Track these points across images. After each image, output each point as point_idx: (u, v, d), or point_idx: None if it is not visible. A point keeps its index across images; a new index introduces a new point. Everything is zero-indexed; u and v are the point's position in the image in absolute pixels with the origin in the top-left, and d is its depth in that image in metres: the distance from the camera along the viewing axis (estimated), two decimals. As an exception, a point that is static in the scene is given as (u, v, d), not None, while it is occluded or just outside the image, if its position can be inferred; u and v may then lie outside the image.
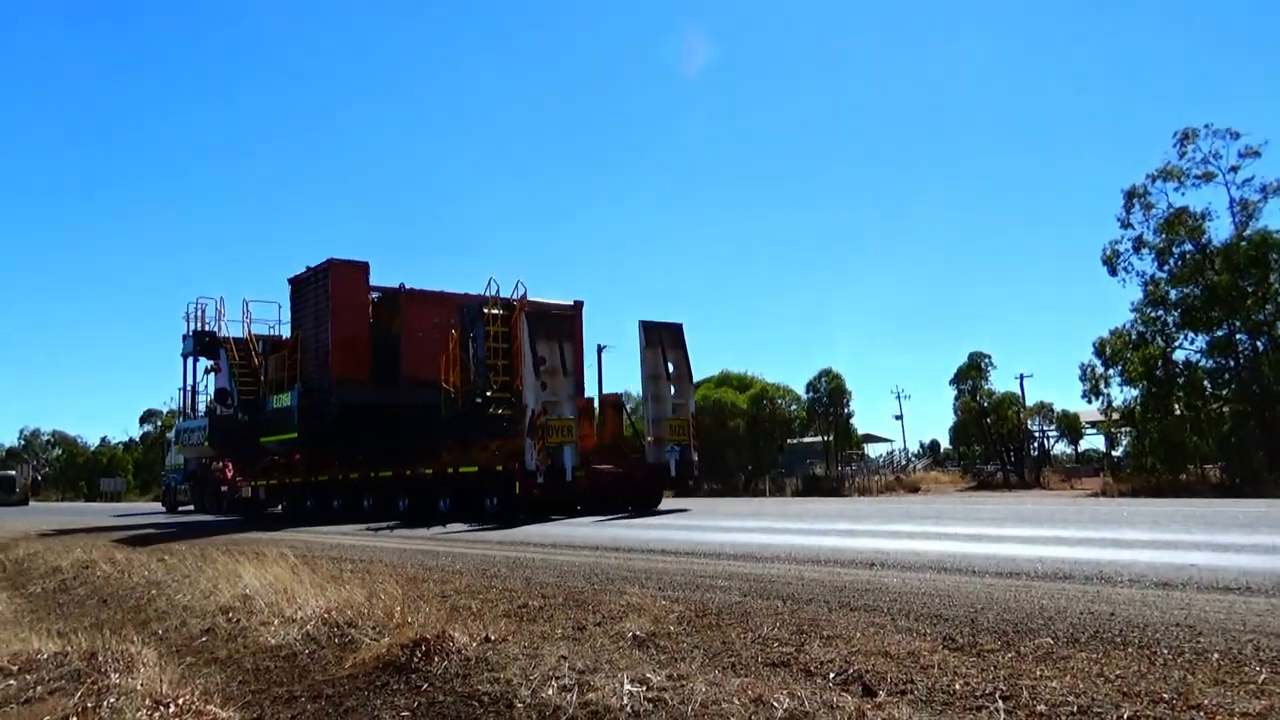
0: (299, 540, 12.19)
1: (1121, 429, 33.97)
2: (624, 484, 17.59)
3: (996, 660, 3.87)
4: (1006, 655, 3.94)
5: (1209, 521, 11.17)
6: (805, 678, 3.86)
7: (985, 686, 3.52)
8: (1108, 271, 30.82)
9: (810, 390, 40.64)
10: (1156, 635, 4.14)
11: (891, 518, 12.95)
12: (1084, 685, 3.44)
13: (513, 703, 3.90)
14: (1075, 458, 50.19)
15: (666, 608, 5.31)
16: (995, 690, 3.46)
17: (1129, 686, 3.38)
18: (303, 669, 4.98)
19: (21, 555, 12.88)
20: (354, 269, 19.15)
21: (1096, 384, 30.85)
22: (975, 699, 3.42)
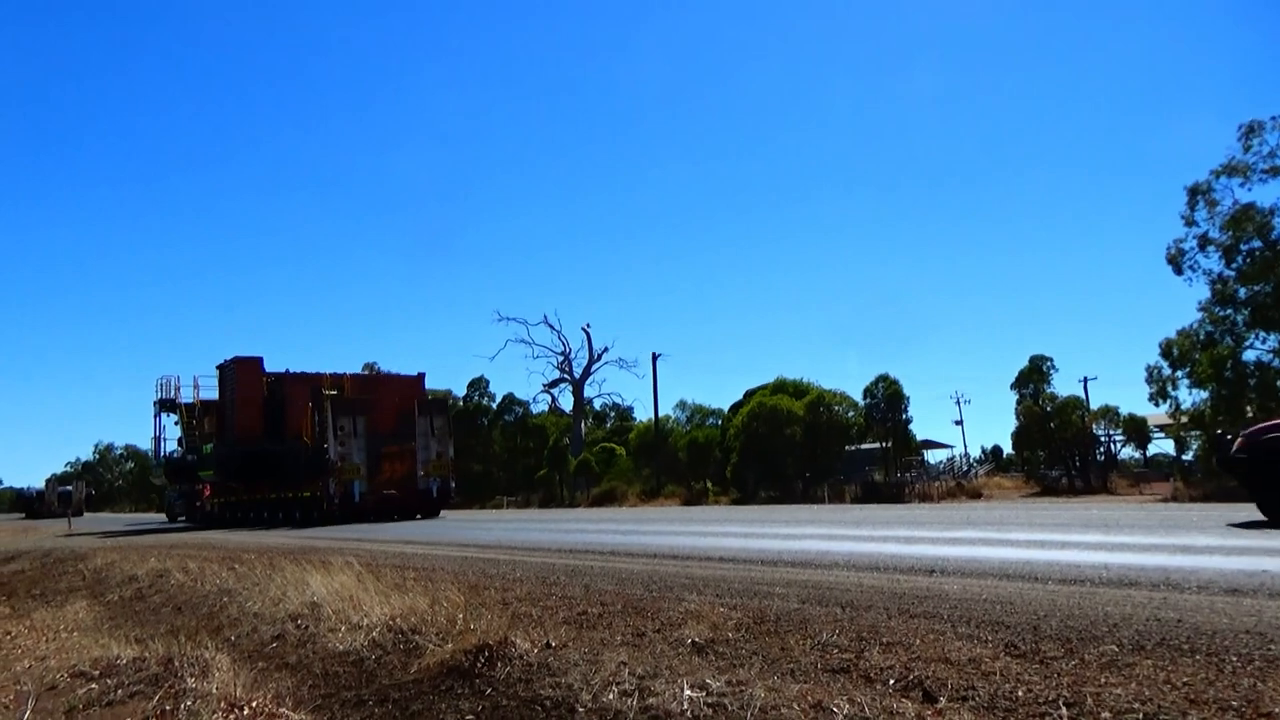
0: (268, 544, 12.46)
1: (1191, 432, 32.97)
2: (401, 503, 26.59)
3: (1060, 667, 3.83)
4: (1070, 662, 3.89)
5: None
6: (865, 684, 3.85)
7: (1048, 693, 3.49)
8: (1173, 271, 29.96)
9: (867, 396, 40.21)
10: (1225, 642, 4.05)
11: (952, 524, 12.77)
12: (1149, 692, 3.39)
13: (574, 707, 3.97)
14: (1143, 462, 48.80)
15: (725, 614, 5.33)
16: (1058, 697, 3.43)
17: (1196, 694, 3.32)
18: (370, 674, 5.11)
19: (99, 565, 13.36)
20: (251, 362, 28.88)
21: (1164, 386, 29.99)
22: (1038, 705, 3.39)
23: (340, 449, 25.51)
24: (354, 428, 25.77)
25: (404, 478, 26.71)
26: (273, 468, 27.21)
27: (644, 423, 54.41)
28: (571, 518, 24.53)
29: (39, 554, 16.84)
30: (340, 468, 25.47)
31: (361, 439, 25.86)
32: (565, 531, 15.18)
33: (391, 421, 26.87)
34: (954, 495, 35.83)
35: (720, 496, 40.62)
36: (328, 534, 19.02)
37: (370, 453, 26.10)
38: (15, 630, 9.08)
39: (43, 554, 16.72)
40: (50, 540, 23.70)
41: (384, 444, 26.59)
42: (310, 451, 26.35)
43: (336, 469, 25.43)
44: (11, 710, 5.45)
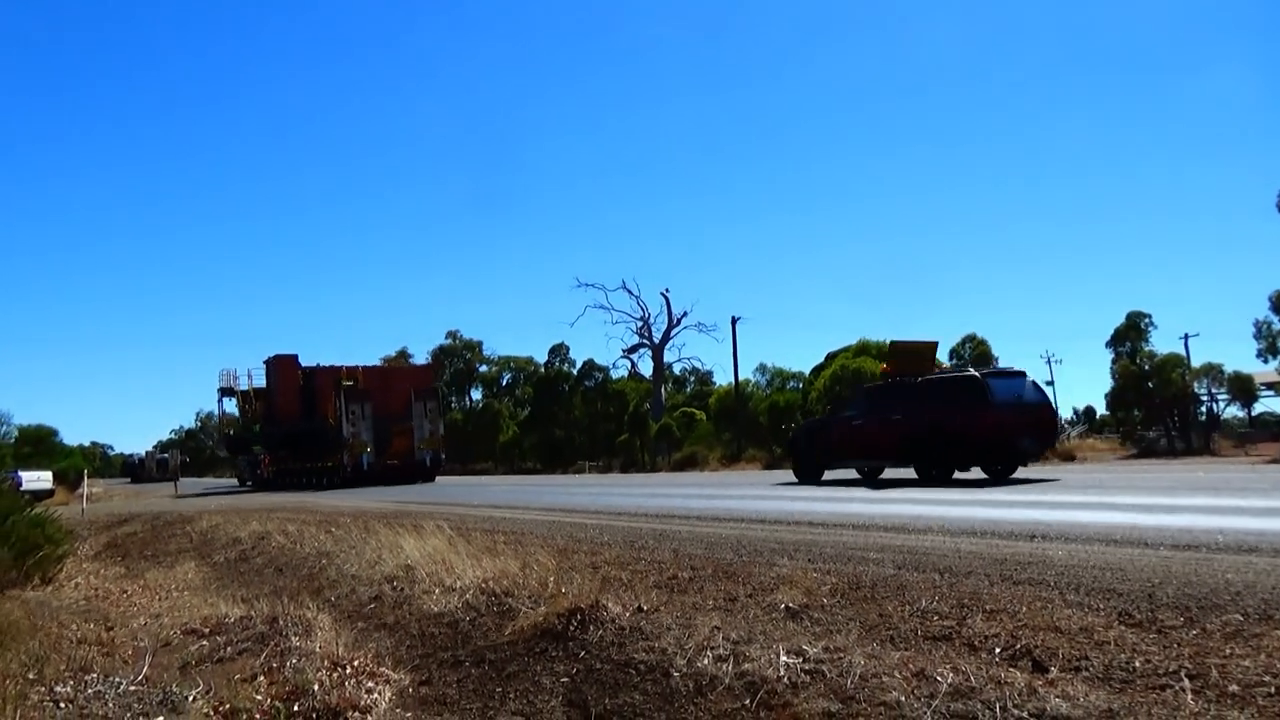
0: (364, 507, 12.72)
1: (1304, 389, 31.33)
2: (401, 471, 32.26)
3: (1179, 637, 3.64)
4: (1190, 632, 3.69)
5: None
6: (969, 652, 3.73)
7: (1168, 664, 3.32)
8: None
9: (953, 357, 39.21)
10: (1363, 612, 3.79)
11: (1048, 487, 12.37)
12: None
13: (669, 671, 3.95)
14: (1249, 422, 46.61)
15: (818, 580, 5.24)
16: (1180, 669, 3.26)
17: (1335, 667, 3.11)
18: (465, 635, 5.19)
19: (205, 528, 13.95)
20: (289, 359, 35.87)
21: (1273, 341, 28.57)
22: (1158, 677, 3.22)
23: (352, 429, 32.23)
24: (362, 411, 32.54)
25: (404, 451, 33.00)
26: (307, 442, 34.23)
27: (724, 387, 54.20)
28: (654, 482, 24.64)
29: (149, 517, 17.69)
30: (352, 443, 32.15)
31: (369, 420, 32.50)
32: (649, 496, 15.24)
33: (396, 406, 32.99)
34: (1045, 458, 34.81)
35: (803, 460, 40.22)
36: (407, 497, 19.48)
37: (378, 431, 32.57)
38: (131, 589, 9.54)
39: (152, 517, 17.56)
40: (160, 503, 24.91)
41: (389, 424, 32.79)
42: (333, 430, 32.97)
43: (349, 444, 32.09)
44: (131, 664, 5.71)
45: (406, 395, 33.42)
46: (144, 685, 5.08)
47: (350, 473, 31.75)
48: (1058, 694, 3.11)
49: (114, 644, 6.48)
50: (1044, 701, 3.07)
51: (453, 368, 70.15)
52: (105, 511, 22.05)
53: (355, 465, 31.92)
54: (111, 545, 14.65)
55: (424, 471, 33.03)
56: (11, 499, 10.62)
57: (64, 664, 5.50)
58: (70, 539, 11.91)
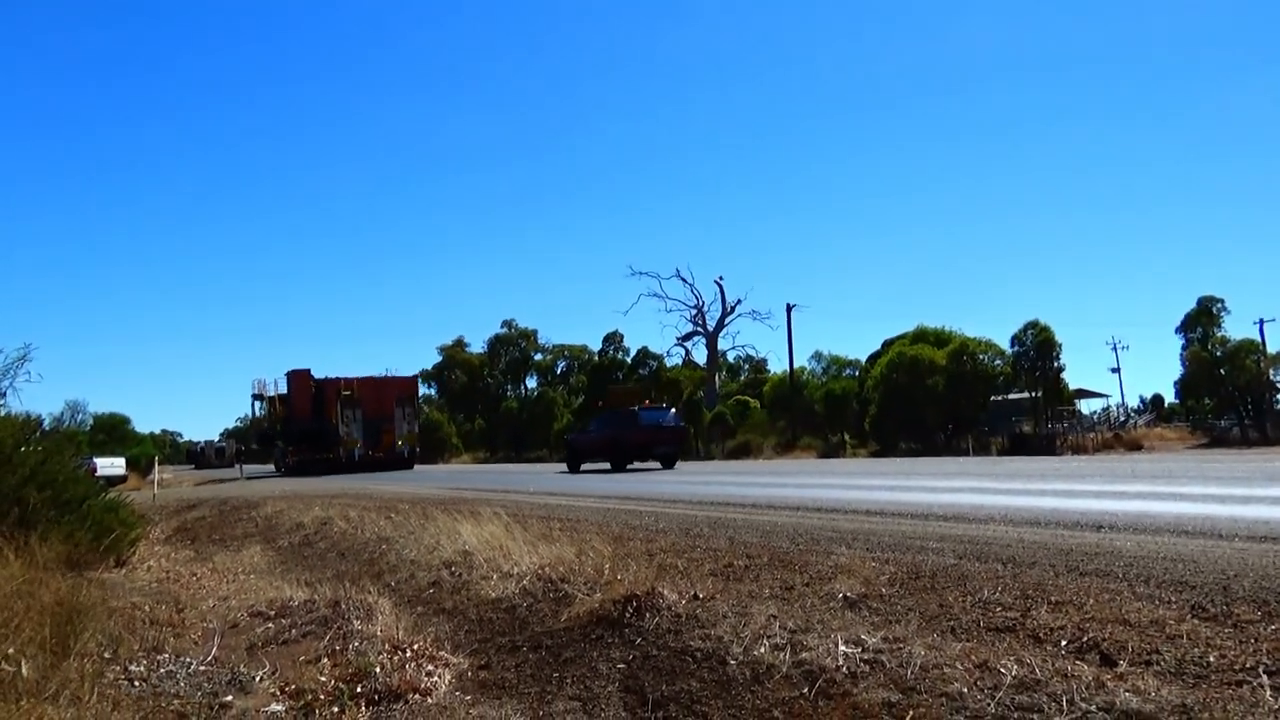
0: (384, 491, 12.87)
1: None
2: (384, 463, 40.34)
3: (1257, 632, 3.51)
4: (1269, 627, 3.56)
5: None
6: (1034, 644, 3.65)
7: (1245, 660, 3.21)
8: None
9: (1015, 344, 38.22)
10: None
11: (1115, 477, 12.05)
12: (1367, 662, 3.06)
13: (725, 659, 3.94)
14: (1329, 410, 44.84)
15: (877, 569, 5.17)
16: (1258, 664, 3.15)
17: None
18: (522, 621, 5.24)
19: (269, 513, 14.30)
20: (303, 372, 43.62)
21: (1356, 326, 27.29)
22: (1234, 673, 3.12)
23: (346, 429, 41.18)
24: (354, 415, 41.52)
25: (388, 446, 41.57)
26: (315, 438, 42.13)
27: (779, 374, 53.81)
28: (709, 470, 24.62)
29: (216, 502, 18.18)
30: (346, 440, 41.00)
31: (360, 422, 41.46)
32: (704, 484, 15.22)
33: (382, 409, 41.75)
34: (1110, 447, 33.95)
35: (858, 449, 39.85)
36: (470, 484, 19.72)
37: (367, 430, 41.46)
38: (200, 572, 9.82)
39: (219, 502, 18.05)
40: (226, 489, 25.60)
41: (378, 424, 41.63)
42: (333, 429, 41.55)
43: (344, 440, 41.03)
44: (200, 645, 5.88)
45: (392, 401, 42.31)
46: (213, 665, 5.23)
47: (344, 463, 40.31)
48: (1128, 688, 3.03)
49: (184, 625, 6.68)
50: (1113, 695, 2.99)
51: (508, 356, 70.76)
52: (174, 497, 22.73)
53: (349, 457, 40.76)
54: (181, 529, 15.10)
55: (404, 462, 41.47)
56: (88, 484, 10.98)
57: (137, 644, 5.68)
58: (142, 523, 12.29)
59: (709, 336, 59.86)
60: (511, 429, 61.58)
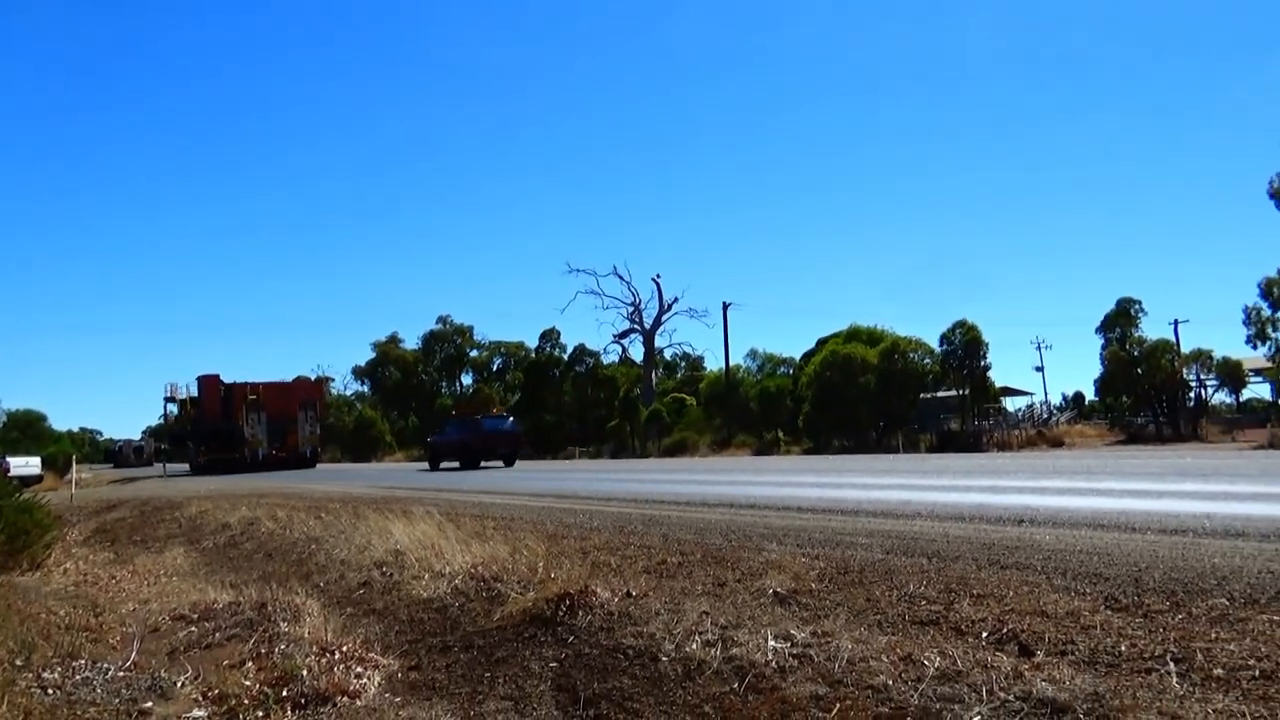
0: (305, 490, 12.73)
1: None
2: (287, 462, 42.83)
3: (1165, 621, 3.66)
4: (1176, 616, 3.72)
5: (1399, 475, 10.25)
6: (956, 636, 3.75)
7: (1154, 648, 3.34)
8: (1275, 205, 28.51)
9: (944, 343, 39.14)
10: (1348, 596, 3.83)
11: (1037, 473, 12.43)
12: (1266, 649, 3.22)
13: (657, 656, 3.96)
14: (1237, 408, 46.89)
15: (807, 565, 5.26)
16: (1165, 652, 3.28)
17: (1319, 651, 3.14)
18: (454, 621, 5.19)
19: (194, 513, 13.91)
20: (212, 377, 47.40)
21: (1263, 328, 28.71)
22: (1143, 661, 3.25)
23: (251, 430, 43.87)
24: (259, 418, 44.24)
25: (292, 446, 44.60)
26: (224, 439, 44.63)
27: (715, 372, 54.27)
28: (644, 468, 24.70)
29: (137, 503, 17.62)
30: (251, 440, 43.68)
31: (265, 424, 44.28)
32: (639, 481, 15.26)
33: (286, 412, 44.90)
34: (1034, 444, 35.00)
35: (792, 446, 40.36)
36: (402, 483, 19.47)
37: (272, 431, 44.40)
38: (120, 575, 9.51)
39: (141, 503, 17.49)
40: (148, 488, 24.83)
41: (282, 426, 44.71)
42: (239, 430, 44.13)
43: (249, 441, 43.68)
44: (119, 651, 5.70)
45: (296, 405, 45.65)
46: (132, 671, 5.07)
47: (249, 462, 42.78)
48: (1044, 678, 3.13)
49: (102, 630, 6.46)
50: (1030, 685, 3.09)
51: (443, 352, 70.01)
52: (94, 497, 21.97)
53: (253, 456, 43.29)
54: (100, 531, 14.60)
55: (306, 461, 44.44)
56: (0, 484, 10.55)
57: (52, 650, 5.47)
58: (59, 525, 11.86)
59: (646, 334, 60.01)
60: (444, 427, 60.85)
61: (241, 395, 45.47)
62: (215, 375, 47.78)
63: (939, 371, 39.63)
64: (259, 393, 45.76)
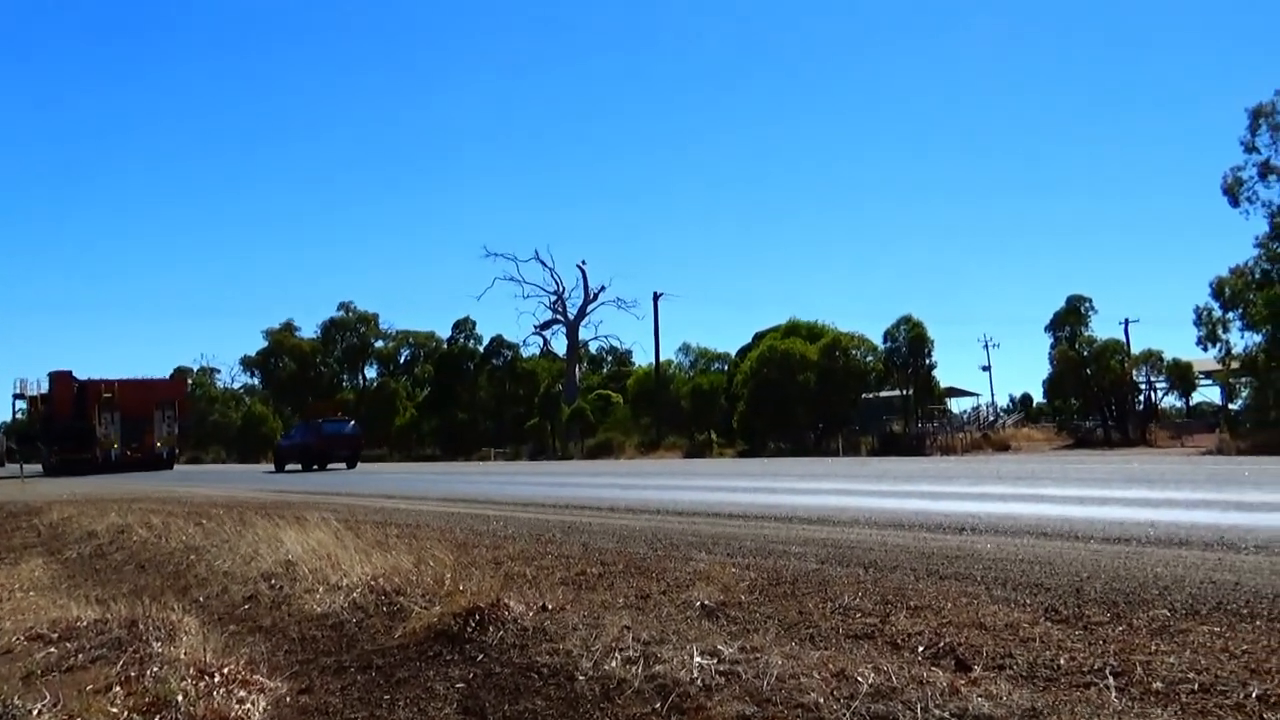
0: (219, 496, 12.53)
1: (1241, 379, 33.10)
2: (143, 463, 44.07)
3: (1106, 633, 3.82)
4: (1117, 628, 3.88)
5: (1344, 481, 10.85)
6: (891, 651, 3.85)
7: (1094, 661, 3.48)
8: (1229, 202, 29.86)
9: (888, 339, 40.04)
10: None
11: (981, 478, 12.81)
12: (1206, 661, 3.38)
13: (574, 675, 3.97)
14: (1186, 412, 49.02)
15: (737, 575, 5.33)
16: (1105, 665, 3.42)
17: (1257, 663, 3.31)
18: (351, 638, 5.12)
19: (55, 520, 13.43)
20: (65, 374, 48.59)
21: (1214, 329, 29.99)
22: (1082, 675, 3.38)
23: (104, 430, 45.10)
24: (113, 418, 45.41)
25: (148, 447, 45.79)
26: (75, 438, 45.54)
27: (644, 368, 54.51)
28: (565, 471, 24.71)
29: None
30: (103, 440, 44.95)
31: (118, 424, 45.48)
32: (559, 485, 15.26)
33: (143, 411, 45.97)
34: (979, 447, 36.05)
35: (725, 448, 40.83)
36: (298, 486, 19.11)
37: (126, 431, 45.54)
38: (-35, 590, 9.13)
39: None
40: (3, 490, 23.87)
41: (139, 426, 45.80)
42: (91, 430, 45.09)
43: (101, 441, 44.90)
44: (-37, 676, 5.47)
45: (153, 405, 46.83)
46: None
47: (101, 462, 43.90)
48: (980, 693, 3.24)
49: (-56, 652, 6.20)
50: (966, 701, 3.18)
51: (345, 342, 68.97)
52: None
53: (105, 456, 44.51)
54: (-56, 540, 13.98)
55: (163, 462, 45.82)
56: None
57: (-117, 675, 5.23)
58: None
59: (569, 325, 59.97)
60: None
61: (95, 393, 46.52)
62: (68, 372, 48.98)
63: (882, 370, 40.51)
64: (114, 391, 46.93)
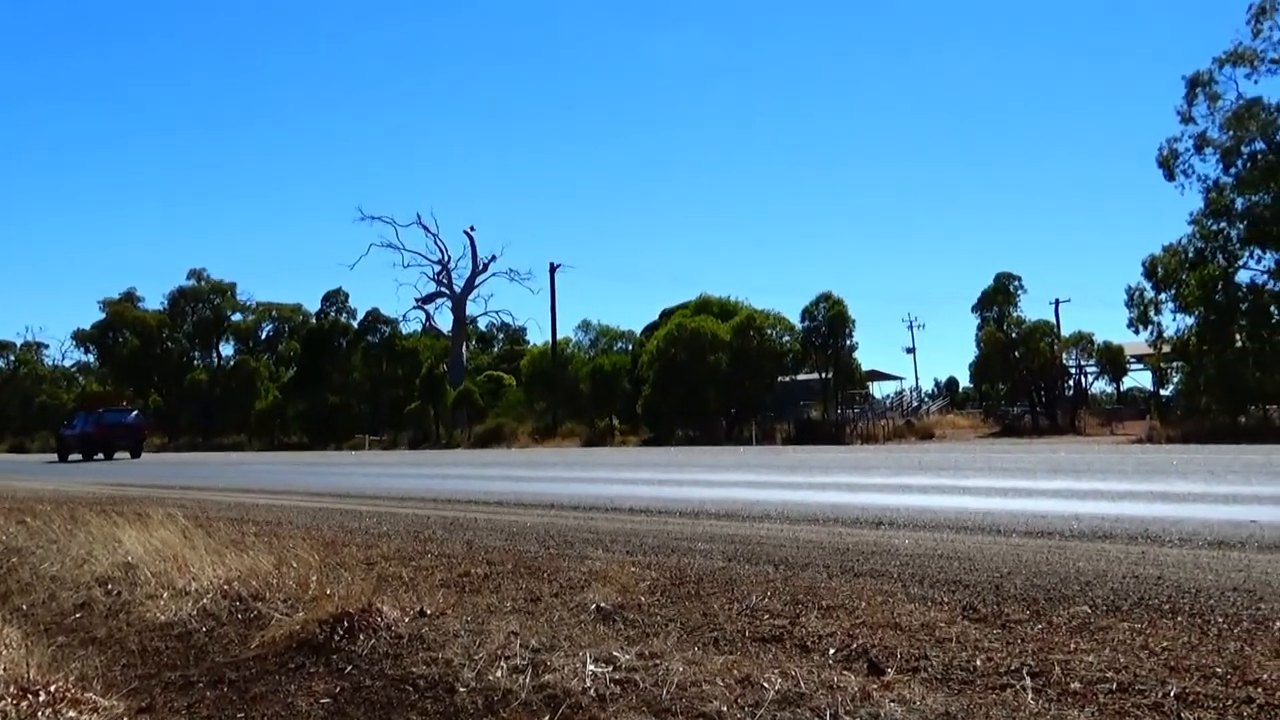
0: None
1: (1173, 364, 34.40)
2: None
3: (1024, 632, 4.00)
4: (1036, 626, 4.07)
5: (1271, 471, 11.52)
6: (801, 654, 3.96)
7: (1011, 662, 3.64)
8: (1164, 175, 30.95)
9: (806, 319, 40.63)
10: (1210, 602, 4.30)
11: (902, 469, 13.19)
12: (1125, 659, 3.57)
13: (454, 687, 3.97)
14: (1117, 398, 51.22)
15: (637, 575, 5.40)
16: (1023, 666, 3.58)
17: (1177, 660, 3.51)
18: (200, 650, 5.03)
19: None
20: None
21: (1145, 311, 31.17)
22: (999, 676, 3.53)
23: None
24: None
25: None
26: None
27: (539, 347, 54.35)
28: (450, 460, 24.55)
29: None
30: None
31: None
32: (442, 477, 15.18)
33: None
34: (902, 435, 37.03)
35: (629, 436, 41.07)
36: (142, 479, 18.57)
37: None
38: None
39: None
40: None
41: None
42: None
43: None
44: None
45: None
46: None
47: None
48: (893, 698, 3.35)
49: None
50: (878, 707, 3.30)
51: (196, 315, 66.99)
52: None
53: None
54: None
55: None
56: None
57: None
58: None
59: (456, 299, 59.41)
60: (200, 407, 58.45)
61: None
62: None
63: (799, 351, 41.17)
64: None
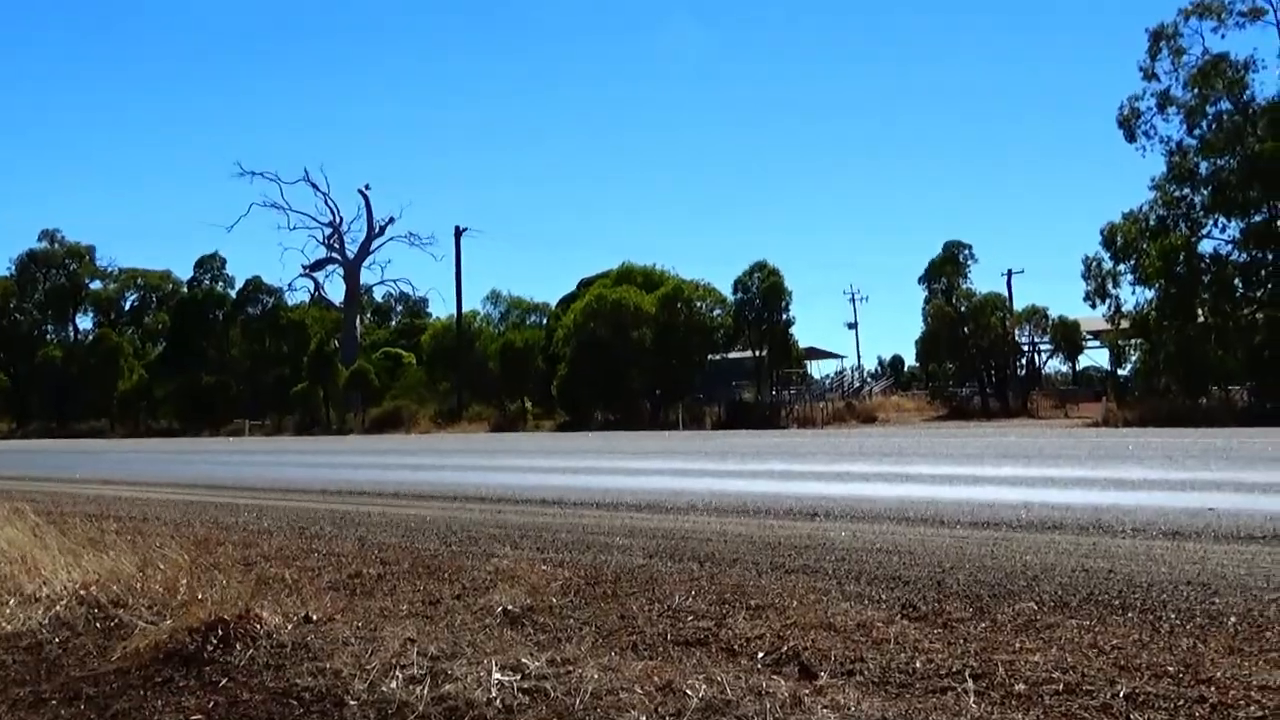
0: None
1: (1131, 341, 34.89)
2: None
3: (967, 631, 4.10)
4: (980, 625, 4.18)
5: (1231, 456, 11.93)
6: (727, 658, 4.01)
7: (952, 663, 3.73)
8: (1124, 136, 31.54)
9: (738, 290, 40.79)
10: (1163, 596, 4.45)
11: (841, 455, 13.39)
12: (1073, 659, 3.68)
13: (343, 700, 3.95)
14: (1072, 378, 52.38)
15: (548, 574, 5.42)
16: (965, 667, 3.67)
17: (1127, 659, 3.63)
18: (53, 663, 4.93)
19: None
20: None
21: (1103, 283, 31.75)
22: (940, 678, 3.62)
23: None
24: None
25: None
26: None
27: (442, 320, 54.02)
28: (342, 448, 24.31)
29: None
30: None
31: None
32: (332, 466, 15.04)
33: None
34: (843, 419, 37.54)
35: (543, 420, 41.05)
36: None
37: None
38: None
39: None
40: None
41: None
42: None
43: None
44: None
45: None
46: None
47: None
48: (826, 703, 3.42)
49: None
50: (810, 713, 3.36)
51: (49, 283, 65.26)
52: None
53: None
54: None
55: None
56: None
57: None
58: None
59: (349, 266, 58.68)
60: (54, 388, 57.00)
61: None
62: None
63: (731, 326, 41.38)
64: None
